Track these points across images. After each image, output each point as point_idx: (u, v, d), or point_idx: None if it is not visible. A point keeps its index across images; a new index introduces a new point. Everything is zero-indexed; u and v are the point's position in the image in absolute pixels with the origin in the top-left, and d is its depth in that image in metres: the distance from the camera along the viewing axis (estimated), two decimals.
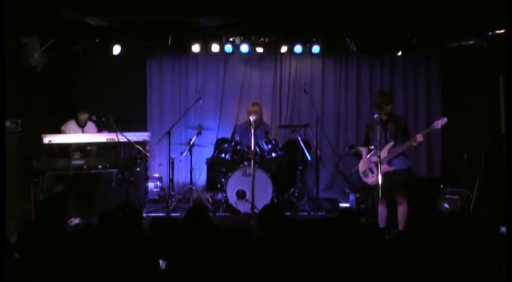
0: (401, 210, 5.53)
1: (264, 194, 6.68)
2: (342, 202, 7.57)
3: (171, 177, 7.36)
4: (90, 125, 7.38)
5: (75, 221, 5.59)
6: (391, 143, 5.47)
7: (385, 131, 5.48)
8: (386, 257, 2.68)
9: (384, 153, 5.44)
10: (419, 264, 2.57)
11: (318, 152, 7.67)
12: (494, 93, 6.91)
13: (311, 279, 2.47)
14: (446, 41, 7.42)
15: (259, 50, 7.83)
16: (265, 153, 7.06)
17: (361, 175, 5.80)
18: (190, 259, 2.69)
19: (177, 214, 6.85)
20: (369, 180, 5.67)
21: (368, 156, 5.74)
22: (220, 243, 2.66)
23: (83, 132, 7.28)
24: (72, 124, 7.32)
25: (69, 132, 7.14)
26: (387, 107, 5.49)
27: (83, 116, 7.30)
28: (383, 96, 5.66)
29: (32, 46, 6.57)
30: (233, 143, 7.18)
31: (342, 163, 8.03)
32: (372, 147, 5.76)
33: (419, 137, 5.27)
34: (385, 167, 5.41)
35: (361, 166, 5.80)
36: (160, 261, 2.97)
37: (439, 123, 5.28)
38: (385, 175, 5.33)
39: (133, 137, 6.58)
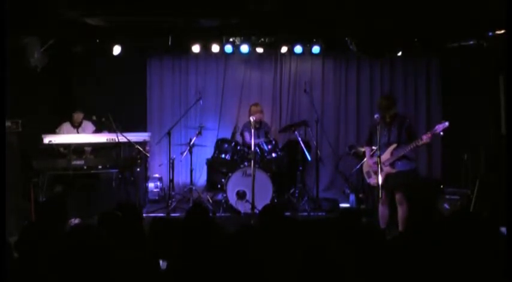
0: (402, 211, 5.52)
1: (264, 194, 6.67)
2: (342, 202, 7.56)
3: (171, 177, 7.35)
4: (87, 125, 7.29)
5: (75, 221, 5.58)
6: (394, 145, 5.46)
7: (389, 132, 5.47)
8: (386, 257, 2.67)
9: (386, 155, 5.43)
10: (419, 265, 2.57)
11: (318, 152, 7.67)
12: (494, 93, 6.92)
13: (311, 279, 2.46)
14: (446, 42, 7.42)
15: (259, 50, 7.81)
16: (266, 154, 7.06)
17: (365, 175, 5.81)
18: (190, 259, 2.69)
19: (177, 214, 6.85)
20: (372, 181, 5.67)
21: (372, 156, 5.73)
22: (220, 243, 2.66)
23: (77, 132, 7.20)
24: (66, 126, 7.21)
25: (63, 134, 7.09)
26: (390, 110, 5.49)
27: (78, 116, 7.21)
28: (385, 100, 5.64)
29: (32, 46, 6.57)
30: (233, 143, 7.18)
31: (342, 163, 8.03)
32: (374, 147, 5.76)
33: (425, 138, 5.25)
34: (388, 169, 5.41)
35: (365, 167, 5.81)
36: (160, 261, 2.97)
37: (440, 127, 5.26)
38: (388, 177, 5.31)
39: (133, 137, 6.57)
